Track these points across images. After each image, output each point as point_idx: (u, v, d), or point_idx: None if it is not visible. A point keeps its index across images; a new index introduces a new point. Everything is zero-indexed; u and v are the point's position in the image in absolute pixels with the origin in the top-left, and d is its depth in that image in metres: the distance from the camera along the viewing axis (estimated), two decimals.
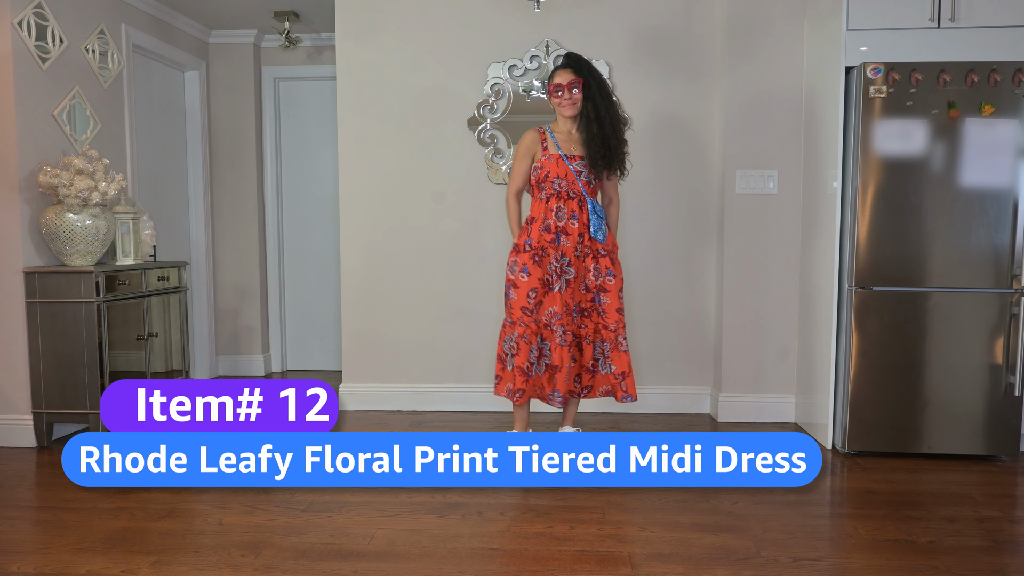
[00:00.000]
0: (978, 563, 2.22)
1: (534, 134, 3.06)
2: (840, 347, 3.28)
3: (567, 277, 3.00)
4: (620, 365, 3.06)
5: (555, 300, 2.98)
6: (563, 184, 2.97)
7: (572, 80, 2.95)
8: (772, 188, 3.73)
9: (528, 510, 2.63)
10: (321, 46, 4.93)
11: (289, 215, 5.18)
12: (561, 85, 2.96)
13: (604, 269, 3.03)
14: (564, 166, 2.98)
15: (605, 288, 3.03)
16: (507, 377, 3.04)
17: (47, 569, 2.18)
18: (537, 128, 3.09)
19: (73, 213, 3.32)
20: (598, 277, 3.03)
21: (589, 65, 3.00)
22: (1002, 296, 3.12)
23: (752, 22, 3.69)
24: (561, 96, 2.97)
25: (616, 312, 3.04)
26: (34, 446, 3.39)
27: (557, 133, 3.06)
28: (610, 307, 3.03)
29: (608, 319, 3.04)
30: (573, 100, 2.96)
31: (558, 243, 2.99)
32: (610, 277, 3.03)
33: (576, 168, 2.98)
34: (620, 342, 3.06)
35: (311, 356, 5.26)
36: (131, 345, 3.61)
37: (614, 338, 3.05)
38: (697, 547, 2.32)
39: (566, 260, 2.99)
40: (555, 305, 2.98)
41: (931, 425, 3.18)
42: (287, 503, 2.69)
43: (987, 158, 3.09)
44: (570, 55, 3.03)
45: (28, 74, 3.34)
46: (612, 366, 3.07)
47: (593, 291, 3.04)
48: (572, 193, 2.98)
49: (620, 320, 3.06)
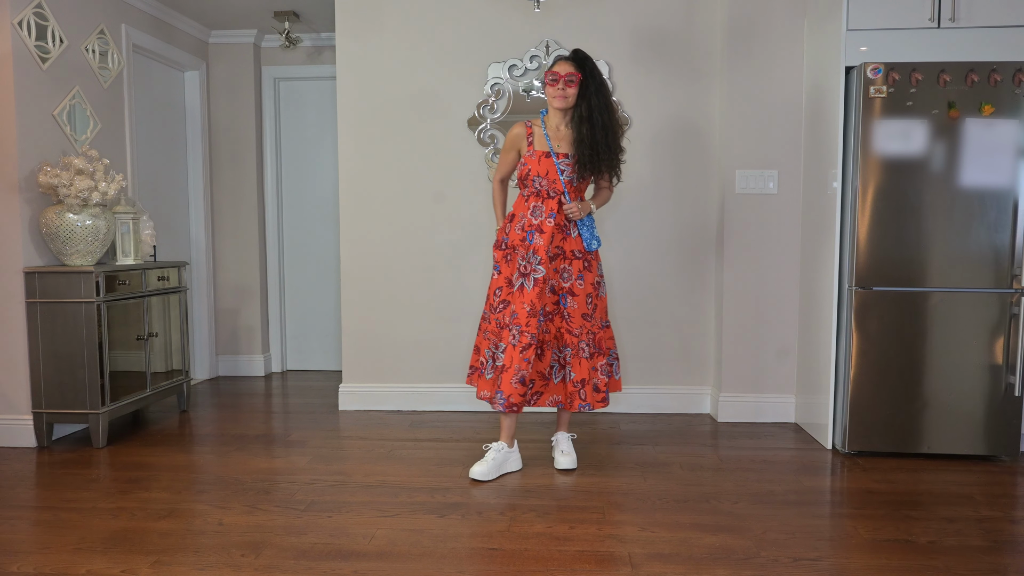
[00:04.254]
0: (978, 563, 2.22)
1: (520, 128, 2.99)
2: (840, 347, 3.28)
3: (536, 276, 2.88)
4: (580, 373, 2.93)
5: (517, 298, 2.90)
6: (543, 183, 2.92)
7: (570, 73, 2.87)
8: (772, 188, 3.73)
9: (528, 510, 2.63)
10: (321, 46, 4.93)
11: (289, 215, 5.18)
12: (558, 75, 2.87)
13: (576, 272, 2.93)
14: (546, 164, 2.91)
15: (573, 292, 2.92)
16: (482, 384, 3.03)
17: (47, 569, 2.18)
18: (525, 122, 3.01)
19: (73, 213, 3.32)
20: (568, 280, 2.92)
21: (593, 65, 2.91)
22: (1002, 296, 3.12)
23: (752, 22, 3.70)
24: (555, 86, 2.88)
25: (582, 318, 2.92)
26: (34, 446, 3.40)
27: (547, 127, 2.97)
28: (575, 311, 2.91)
29: (572, 323, 2.92)
30: (565, 94, 2.87)
31: (530, 241, 2.90)
32: (580, 281, 2.93)
33: (560, 166, 2.91)
34: (582, 348, 2.93)
35: (311, 356, 5.27)
36: (131, 345, 3.62)
37: (576, 344, 2.92)
38: (697, 547, 2.32)
39: (537, 259, 2.88)
40: (516, 304, 2.90)
41: (931, 425, 3.18)
42: (287, 503, 2.70)
43: (987, 158, 3.09)
44: (577, 51, 2.94)
45: (28, 74, 3.34)
46: (572, 373, 2.94)
47: (559, 293, 2.93)
48: (552, 192, 2.91)
49: (585, 325, 2.93)
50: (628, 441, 3.50)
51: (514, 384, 2.86)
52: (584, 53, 2.94)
